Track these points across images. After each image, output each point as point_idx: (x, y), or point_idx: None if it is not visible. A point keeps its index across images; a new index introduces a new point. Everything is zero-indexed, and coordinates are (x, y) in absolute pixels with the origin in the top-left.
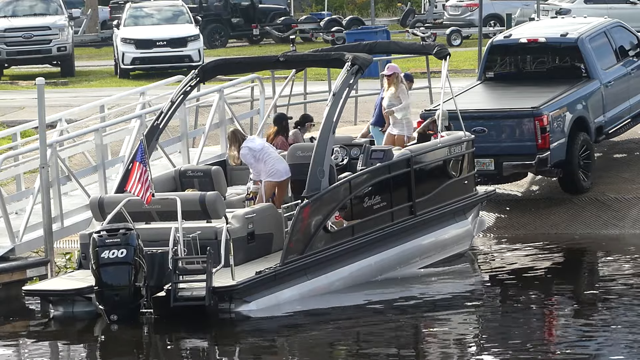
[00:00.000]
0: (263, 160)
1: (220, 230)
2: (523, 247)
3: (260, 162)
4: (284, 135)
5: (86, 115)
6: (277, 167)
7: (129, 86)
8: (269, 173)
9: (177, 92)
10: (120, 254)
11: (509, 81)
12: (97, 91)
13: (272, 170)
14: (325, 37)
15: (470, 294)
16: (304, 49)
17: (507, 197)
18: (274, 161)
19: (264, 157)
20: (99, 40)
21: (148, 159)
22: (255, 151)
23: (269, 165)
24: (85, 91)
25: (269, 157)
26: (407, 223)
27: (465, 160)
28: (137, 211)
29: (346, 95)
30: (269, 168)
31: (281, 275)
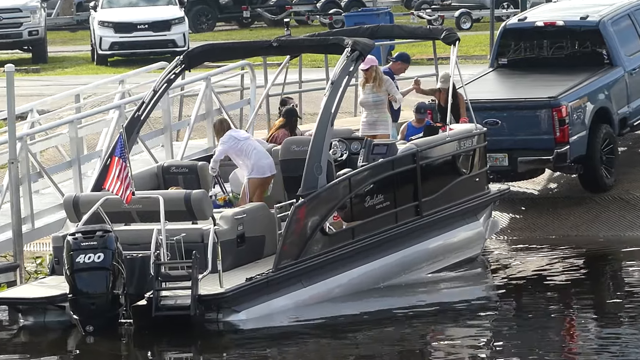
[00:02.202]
0: (246, 153)
1: (207, 233)
2: (540, 251)
3: (243, 155)
4: (288, 131)
5: (60, 105)
6: (262, 162)
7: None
8: (252, 168)
9: (160, 80)
10: (97, 258)
11: (523, 68)
12: (72, 79)
13: (257, 165)
14: (322, 20)
15: (482, 303)
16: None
17: (522, 196)
18: (260, 155)
19: (248, 149)
20: (74, 24)
21: (128, 154)
22: (239, 141)
23: (252, 159)
24: (59, 79)
25: (254, 151)
26: (412, 225)
27: (477, 156)
28: (116, 211)
29: (345, 83)
30: (252, 163)
31: (274, 281)
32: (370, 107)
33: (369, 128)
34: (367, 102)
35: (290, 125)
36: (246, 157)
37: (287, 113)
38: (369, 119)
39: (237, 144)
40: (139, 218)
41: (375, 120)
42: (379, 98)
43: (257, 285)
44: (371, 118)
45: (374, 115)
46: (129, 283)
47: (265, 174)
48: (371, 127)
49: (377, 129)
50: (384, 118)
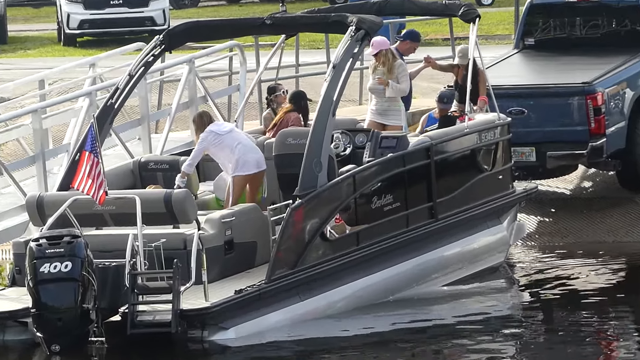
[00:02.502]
0: (230, 148)
1: (191, 238)
2: (572, 259)
3: (226, 151)
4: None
5: (22, 92)
6: (247, 156)
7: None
8: (236, 164)
9: (137, 63)
10: (64, 267)
11: (553, 50)
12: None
13: (242, 161)
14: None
15: (505, 319)
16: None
17: (552, 196)
18: (246, 149)
19: (231, 143)
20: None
21: (100, 148)
22: (219, 135)
23: (237, 154)
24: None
25: (239, 145)
26: (426, 229)
27: (500, 150)
28: (86, 213)
29: (349, 67)
30: (236, 158)
31: (267, 294)
32: (381, 94)
33: (378, 117)
34: (377, 89)
35: (300, 110)
36: (230, 152)
37: (294, 97)
38: (378, 107)
39: (218, 138)
40: (112, 221)
41: (386, 109)
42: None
43: (248, 299)
44: (381, 106)
45: (385, 104)
46: (101, 296)
47: (251, 170)
48: (381, 116)
49: (387, 118)
50: (397, 107)
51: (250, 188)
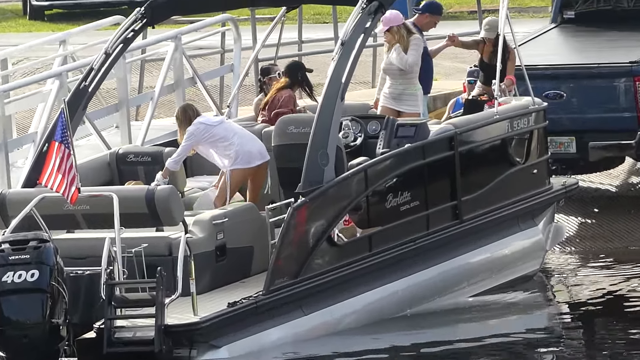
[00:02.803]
0: (225, 138)
1: (177, 243)
2: (618, 267)
3: (221, 142)
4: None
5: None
6: (248, 147)
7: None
8: (236, 156)
9: (114, 40)
10: (30, 276)
11: (596, 24)
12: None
13: (242, 152)
14: None
15: (541, 336)
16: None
17: (594, 194)
18: (244, 138)
19: (226, 133)
20: None
21: (72, 138)
22: (211, 127)
23: (235, 144)
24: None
25: (235, 135)
26: (449, 232)
27: (534, 140)
28: (56, 214)
29: (360, 45)
30: (236, 149)
31: (265, 307)
32: (395, 76)
33: (391, 102)
34: (391, 69)
35: (296, 85)
36: (226, 143)
37: (288, 69)
38: (392, 91)
39: (208, 130)
40: (86, 223)
41: (400, 93)
42: None
43: (243, 313)
44: (395, 90)
45: (399, 87)
46: (73, 309)
47: (253, 161)
48: (395, 101)
49: (402, 104)
50: (413, 91)
51: (252, 183)
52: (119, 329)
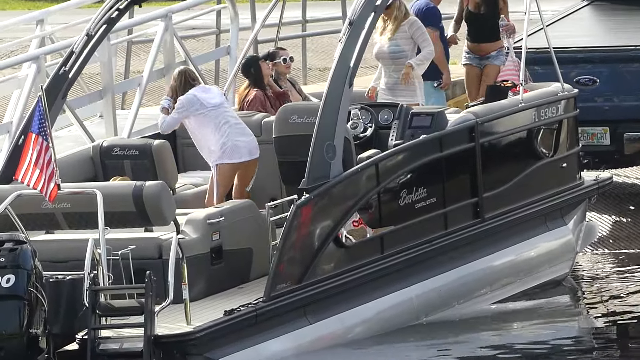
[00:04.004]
0: (215, 125)
1: (168, 244)
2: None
3: (209, 128)
4: (262, 87)
5: None
6: (235, 140)
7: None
8: (223, 150)
9: (97, 19)
10: (6, 282)
11: (634, 1)
12: None
13: (230, 145)
14: None
15: (572, 346)
16: None
17: (630, 190)
18: (235, 130)
19: (217, 120)
20: None
21: (50, 129)
22: (204, 107)
23: (223, 135)
24: None
25: (226, 124)
26: (470, 232)
27: (564, 130)
28: (34, 213)
29: (370, 24)
30: (222, 141)
31: (266, 316)
32: (387, 63)
33: (387, 93)
34: (383, 55)
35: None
36: (214, 131)
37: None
38: (387, 81)
39: (202, 109)
40: (66, 223)
41: (395, 83)
42: (400, 49)
43: (242, 322)
44: (390, 79)
45: (394, 75)
46: (54, 318)
47: (241, 157)
48: (390, 92)
49: (397, 94)
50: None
51: (238, 180)
52: (104, 339)
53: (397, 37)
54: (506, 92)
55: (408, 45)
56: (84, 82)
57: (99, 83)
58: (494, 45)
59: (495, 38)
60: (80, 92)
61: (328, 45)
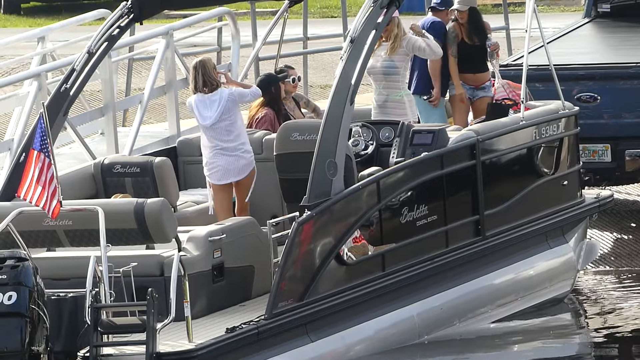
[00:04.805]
0: (203, 145)
1: (170, 262)
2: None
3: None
4: (275, 109)
5: None
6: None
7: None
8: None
9: (98, 37)
10: (7, 299)
11: (635, 18)
12: None
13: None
14: None
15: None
16: None
17: (631, 207)
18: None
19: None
20: None
21: (52, 146)
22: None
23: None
24: None
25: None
26: (471, 250)
27: (565, 148)
28: (35, 230)
29: (372, 41)
30: (206, 160)
31: (268, 333)
32: (379, 79)
33: (378, 111)
34: (375, 71)
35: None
36: (204, 147)
37: (263, 82)
38: (377, 98)
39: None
40: (68, 240)
41: (385, 100)
42: (393, 65)
43: (243, 339)
44: (380, 96)
45: (383, 93)
46: (55, 336)
47: (216, 179)
48: (380, 110)
49: (387, 113)
50: (397, 97)
51: (237, 197)
52: (106, 357)
53: (391, 54)
54: (507, 110)
55: (401, 62)
56: (85, 99)
57: (100, 100)
58: (487, 75)
59: (487, 68)
60: (81, 109)
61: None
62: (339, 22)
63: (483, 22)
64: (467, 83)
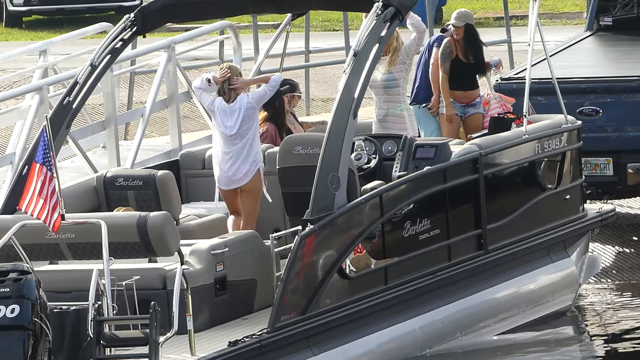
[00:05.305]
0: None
1: (172, 275)
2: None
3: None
4: (277, 124)
5: None
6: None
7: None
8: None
9: (101, 50)
10: (10, 312)
11: (637, 32)
12: None
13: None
14: None
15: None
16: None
17: (634, 221)
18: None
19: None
20: None
21: (54, 159)
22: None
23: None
24: None
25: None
26: (473, 264)
27: (567, 162)
28: (38, 243)
29: (376, 55)
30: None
31: (270, 347)
32: (380, 92)
33: (378, 126)
34: (376, 84)
35: (276, 115)
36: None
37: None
38: (377, 112)
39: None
40: (71, 253)
41: (385, 114)
42: (392, 78)
43: (246, 353)
44: (380, 110)
45: (383, 107)
46: (58, 349)
47: (225, 185)
48: (381, 124)
49: (386, 127)
50: (397, 111)
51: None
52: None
53: (391, 67)
54: (509, 124)
55: (400, 72)
56: (86, 112)
57: (102, 114)
58: (478, 92)
59: (478, 85)
60: (83, 122)
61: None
62: (340, 35)
63: (479, 39)
64: (457, 100)
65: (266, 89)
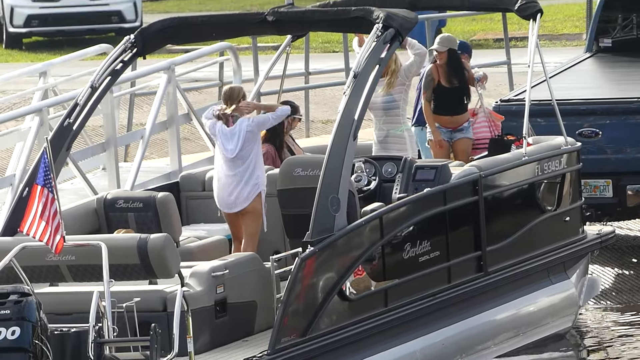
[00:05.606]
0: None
1: (173, 297)
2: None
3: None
4: (276, 145)
5: None
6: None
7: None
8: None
9: (101, 72)
10: (11, 334)
11: (636, 53)
12: None
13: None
14: None
15: None
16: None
17: (633, 243)
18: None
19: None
20: None
21: (55, 181)
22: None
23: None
24: None
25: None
26: (473, 286)
27: (567, 184)
28: (39, 265)
29: (376, 76)
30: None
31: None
32: (379, 114)
33: (378, 147)
34: (376, 106)
35: (275, 136)
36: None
37: None
38: (378, 134)
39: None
40: (71, 275)
41: (386, 136)
42: (392, 99)
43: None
44: (380, 132)
45: (383, 128)
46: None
47: (230, 208)
48: (381, 146)
49: (387, 148)
50: (398, 132)
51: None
52: None
53: (391, 89)
54: (509, 146)
55: (400, 94)
56: (86, 134)
57: (102, 135)
58: (466, 116)
59: (465, 109)
60: (83, 144)
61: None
62: (340, 57)
63: (462, 63)
64: (444, 126)
65: (270, 117)
